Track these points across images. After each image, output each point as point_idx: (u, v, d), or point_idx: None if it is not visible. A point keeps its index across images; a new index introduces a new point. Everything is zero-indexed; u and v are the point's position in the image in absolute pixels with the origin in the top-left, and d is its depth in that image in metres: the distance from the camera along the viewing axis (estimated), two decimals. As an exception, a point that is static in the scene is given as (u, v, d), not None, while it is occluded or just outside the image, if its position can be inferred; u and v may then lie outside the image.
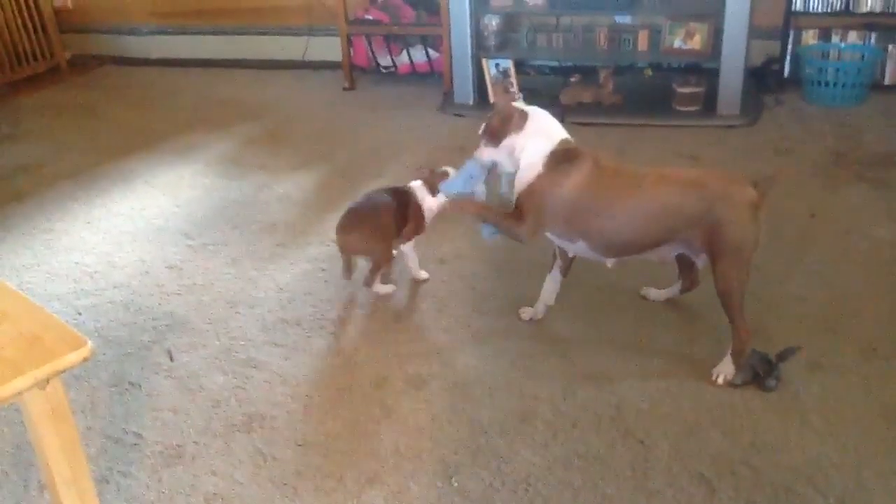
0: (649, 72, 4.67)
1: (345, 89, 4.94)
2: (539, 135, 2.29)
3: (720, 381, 2.24)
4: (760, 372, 2.19)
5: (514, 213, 2.31)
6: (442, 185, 2.55)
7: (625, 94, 4.36)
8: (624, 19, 4.57)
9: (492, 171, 2.40)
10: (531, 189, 2.27)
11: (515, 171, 2.33)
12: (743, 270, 2.19)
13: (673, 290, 2.61)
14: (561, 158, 2.25)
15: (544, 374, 2.30)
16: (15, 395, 1.41)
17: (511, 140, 2.30)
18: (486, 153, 2.35)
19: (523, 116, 2.31)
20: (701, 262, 2.31)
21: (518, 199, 2.30)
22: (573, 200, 2.23)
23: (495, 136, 2.32)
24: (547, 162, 2.25)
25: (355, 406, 2.22)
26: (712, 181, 2.21)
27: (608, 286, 2.71)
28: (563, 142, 2.29)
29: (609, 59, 4.46)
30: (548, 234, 2.36)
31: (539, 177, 2.25)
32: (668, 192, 2.22)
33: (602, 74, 4.34)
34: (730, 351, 2.24)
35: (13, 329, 1.56)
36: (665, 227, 2.22)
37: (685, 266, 2.50)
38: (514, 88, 2.42)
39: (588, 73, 4.49)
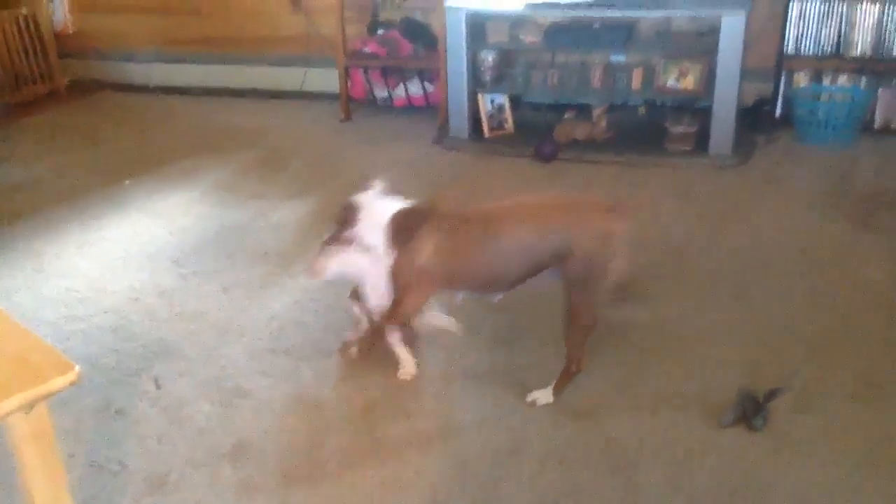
0: (643, 110, 4.71)
1: (341, 121, 4.97)
2: (371, 223, 2.28)
3: (534, 402, 2.28)
4: (748, 411, 2.19)
5: (395, 303, 2.30)
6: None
7: (618, 132, 4.40)
8: (618, 58, 4.62)
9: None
10: (396, 272, 2.27)
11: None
12: (591, 300, 2.20)
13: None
14: (400, 232, 2.25)
15: (533, 409, 2.29)
16: (2, 416, 1.40)
17: (347, 236, 2.30)
18: (332, 268, 2.37)
19: (354, 210, 2.30)
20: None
21: (393, 289, 2.30)
22: (433, 265, 2.23)
23: (338, 246, 2.34)
24: (389, 242, 2.25)
25: (342, 437, 2.21)
26: (563, 214, 2.24)
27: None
28: (399, 212, 2.28)
29: (603, 97, 4.51)
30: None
31: (394, 261, 2.26)
32: (521, 233, 2.22)
33: (596, 112, 4.39)
34: (555, 379, 2.29)
35: (1, 351, 1.55)
36: (529, 262, 2.22)
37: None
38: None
39: (582, 110, 4.53)
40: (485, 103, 4.54)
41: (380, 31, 5.00)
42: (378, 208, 2.32)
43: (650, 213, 3.56)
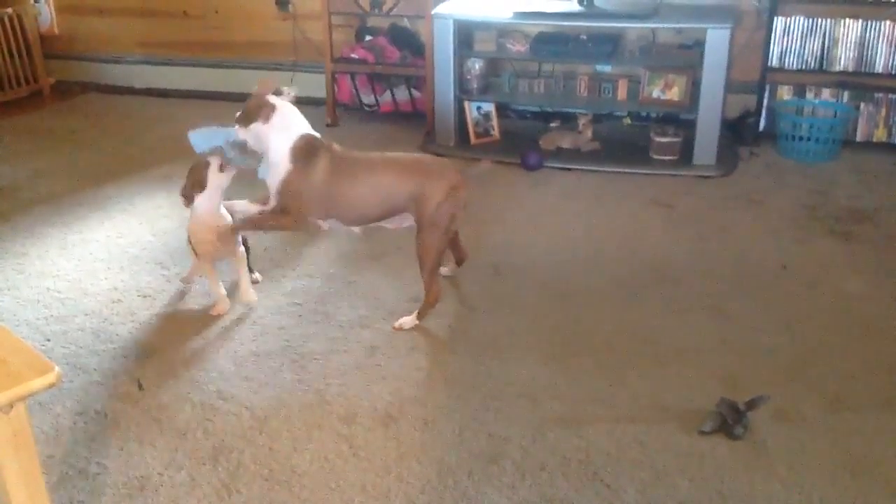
0: (628, 120, 4.75)
1: (327, 125, 4.97)
2: (282, 130, 2.68)
3: (401, 326, 2.73)
4: (729, 420, 2.20)
5: (277, 209, 2.71)
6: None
7: (603, 141, 4.43)
8: (604, 68, 4.66)
9: (246, 147, 2.74)
10: (287, 185, 2.67)
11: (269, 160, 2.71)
12: (438, 239, 2.67)
13: (451, 266, 3.05)
14: (303, 153, 2.67)
15: (514, 416, 2.30)
16: (-23, 418, 1.39)
17: (257, 126, 2.68)
18: (240, 132, 2.72)
19: (271, 109, 2.68)
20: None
21: (278, 195, 2.69)
22: (321, 188, 2.67)
23: (246, 119, 2.69)
24: (292, 157, 2.66)
25: (323, 442, 2.20)
26: (423, 166, 2.75)
27: (580, 330, 2.73)
28: (303, 136, 2.70)
29: (589, 107, 4.54)
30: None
31: (289, 172, 2.66)
32: (391, 175, 2.70)
33: (581, 121, 4.41)
34: (419, 308, 2.73)
35: (-21, 352, 1.54)
36: (390, 203, 2.69)
37: (452, 244, 2.92)
38: (287, 89, 2.73)
39: (568, 120, 4.56)
40: (471, 111, 4.56)
41: (367, 38, 5.01)
42: (289, 123, 2.71)
43: (632, 224, 3.58)
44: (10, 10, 5.43)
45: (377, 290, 3.01)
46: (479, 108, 4.58)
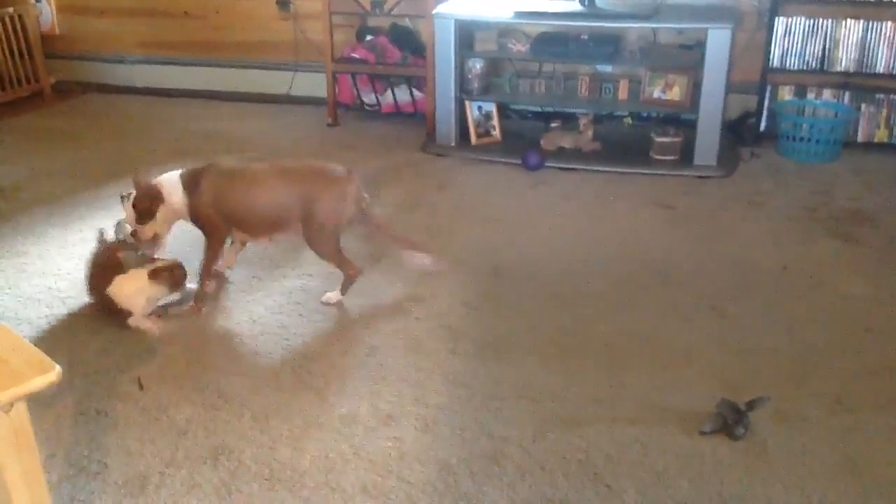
0: (629, 120, 4.75)
1: (328, 125, 4.98)
2: (171, 188, 2.83)
3: (328, 300, 2.89)
4: (730, 420, 2.20)
5: (208, 237, 2.88)
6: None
7: (604, 142, 4.43)
8: (605, 68, 4.66)
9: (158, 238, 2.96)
10: (196, 215, 2.84)
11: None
12: (330, 233, 2.80)
13: (430, 260, 3.03)
14: (188, 183, 2.81)
15: (514, 416, 2.30)
16: (-22, 417, 1.39)
17: (164, 208, 2.84)
18: (145, 232, 2.88)
19: (159, 189, 2.83)
20: None
21: (201, 225, 2.87)
22: (213, 206, 2.80)
23: (150, 213, 2.84)
24: (184, 192, 2.81)
25: (324, 442, 2.20)
26: (309, 171, 2.85)
27: (580, 330, 2.73)
28: (184, 172, 2.85)
29: (590, 107, 4.54)
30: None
31: (188, 205, 2.82)
32: (277, 185, 2.81)
33: (582, 121, 4.41)
34: (340, 285, 2.89)
35: (-20, 351, 1.54)
36: (281, 210, 2.79)
37: (392, 240, 3.05)
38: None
39: (568, 120, 4.56)
40: (472, 111, 4.56)
41: (368, 38, 5.01)
42: (170, 178, 2.86)
43: (633, 224, 3.58)
44: (10, 9, 5.43)
45: (377, 290, 3.01)
46: (480, 107, 4.58)
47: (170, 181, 2.85)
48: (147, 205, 2.83)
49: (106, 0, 5.79)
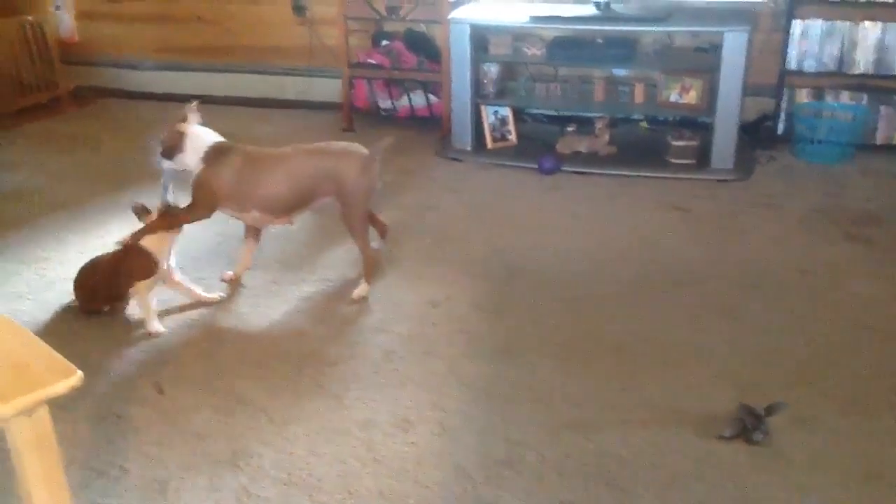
0: (645, 124, 4.74)
1: (343, 130, 5.00)
2: (194, 146, 2.95)
3: (359, 297, 2.97)
4: (749, 425, 2.19)
5: (192, 203, 2.95)
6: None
7: (620, 145, 4.42)
8: (621, 72, 4.65)
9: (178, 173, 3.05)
10: (197, 182, 2.94)
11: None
12: (360, 209, 2.95)
13: (378, 241, 3.23)
14: (214, 156, 2.93)
15: (530, 420, 2.30)
16: (3, 420, 1.41)
17: (181, 156, 2.97)
18: (167, 165, 3.03)
19: (182, 136, 2.96)
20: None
21: (192, 192, 2.96)
22: (233, 184, 2.91)
23: (168, 153, 2.99)
24: (203, 160, 2.93)
25: (341, 446, 2.21)
26: (334, 148, 2.99)
27: (595, 334, 2.73)
28: (215, 144, 2.97)
29: (605, 111, 4.54)
30: (227, 212, 3.01)
31: (201, 171, 2.92)
32: (304, 160, 2.95)
33: (598, 125, 4.41)
34: (363, 275, 3.00)
35: (2, 355, 1.56)
36: (309, 187, 2.93)
37: (372, 220, 3.15)
38: (191, 108, 3.11)
39: (584, 124, 4.56)
40: (487, 115, 4.56)
41: (384, 43, 5.03)
42: (199, 137, 2.98)
43: (648, 227, 3.58)
44: (31, 17, 5.49)
45: (394, 295, 3.02)
46: (495, 112, 4.58)
47: (197, 138, 2.99)
48: (170, 146, 2.99)
49: (122, 7, 5.85)
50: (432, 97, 4.96)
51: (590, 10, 4.27)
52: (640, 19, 4.16)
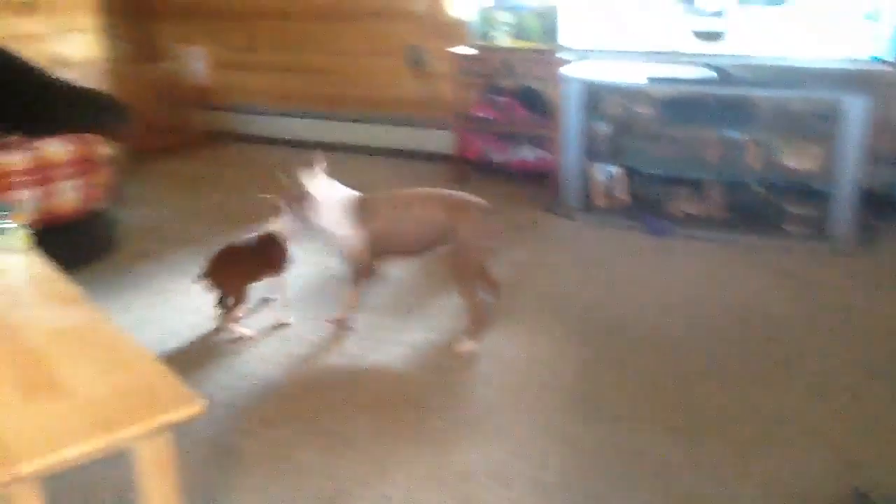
0: (759, 189, 4.63)
1: (453, 182, 5.09)
2: (330, 203, 3.02)
3: (466, 351, 2.97)
4: (862, 509, 2.09)
5: (353, 270, 3.07)
6: None
7: (733, 209, 4.34)
8: (735, 134, 4.58)
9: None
10: (352, 249, 3.01)
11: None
12: (473, 259, 2.96)
13: (489, 297, 3.20)
14: (354, 213, 2.98)
15: (633, 489, 2.25)
16: (129, 440, 1.50)
17: (307, 211, 3.05)
18: (288, 220, 3.11)
19: (305, 196, 3.04)
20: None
21: (350, 259, 3.05)
22: (373, 238, 2.98)
23: (297, 208, 3.07)
24: (349, 222, 2.98)
25: (439, 496, 2.22)
26: (453, 198, 3.00)
27: (702, 403, 2.66)
28: (347, 198, 3.03)
29: (719, 173, 4.46)
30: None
31: (351, 237, 2.98)
32: (427, 214, 2.96)
33: (710, 188, 4.34)
34: (467, 331, 3.01)
35: (133, 379, 1.67)
36: (428, 236, 2.96)
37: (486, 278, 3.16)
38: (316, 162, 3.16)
39: (696, 185, 4.49)
40: (598, 173, 4.57)
41: (497, 98, 5.13)
42: (329, 192, 3.07)
43: (759, 296, 3.48)
44: (168, 64, 5.89)
45: (499, 350, 3.04)
46: (605, 170, 4.58)
47: (330, 195, 3.06)
48: (294, 201, 3.10)
49: (251, 56, 6.19)
50: (542, 152, 5.01)
51: (705, 72, 4.24)
52: (756, 83, 4.10)
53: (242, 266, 3.12)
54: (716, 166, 4.52)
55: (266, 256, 3.15)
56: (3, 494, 1.40)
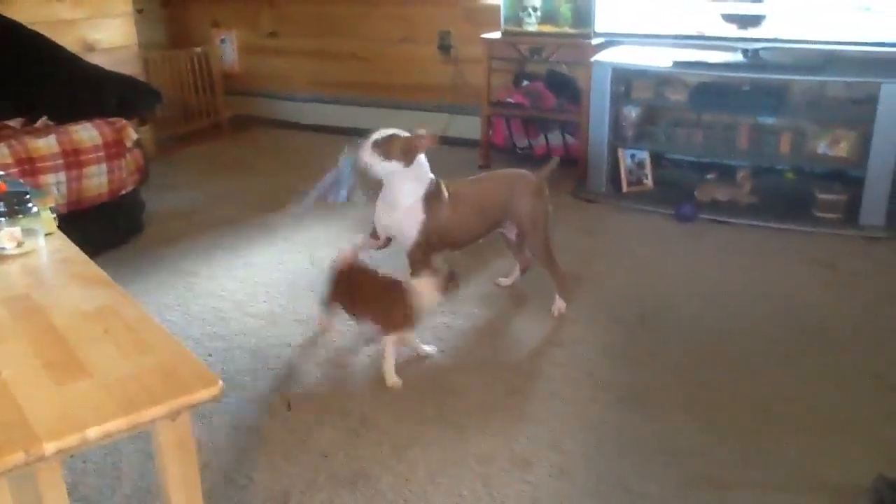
0: (790, 175, 4.56)
1: (480, 167, 5.08)
2: (417, 179, 2.83)
3: (558, 311, 3.12)
4: (886, 500, 2.05)
5: (416, 258, 2.87)
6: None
7: (762, 195, 4.28)
8: (767, 120, 4.51)
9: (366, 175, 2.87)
10: (422, 233, 2.83)
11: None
12: (542, 233, 3.04)
13: (515, 273, 3.37)
14: (432, 200, 2.84)
15: (654, 471, 2.24)
16: (149, 421, 1.51)
17: (394, 165, 2.78)
18: (368, 158, 2.80)
19: (415, 156, 2.79)
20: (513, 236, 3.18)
21: (414, 244, 2.86)
22: (443, 224, 2.87)
23: (387, 153, 2.77)
24: (425, 206, 2.83)
25: (459, 478, 2.23)
26: (510, 176, 3.05)
27: (729, 388, 2.63)
28: (431, 183, 2.86)
29: (749, 159, 4.40)
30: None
31: (423, 222, 2.83)
32: (488, 197, 2.98)
33: (740, 174, 4.28)
34: (556, 292, 3.13)
35: (154, 361, 1.68)
36: (491, 218, 3.00)
37: (517, 252, 3.27)
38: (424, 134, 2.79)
39: (725, 171, 4.43)
40: (625, 158, 4.53)
41: (525, 83, 5.10)
42: (424, 172, 2.85)
43: (790, 283, 3.43)
44: (199, 49, 5.93)
45: (521, 333, 3.03)
46: (633, 155, 4.54)
47: (424, 166, 2.86)
48: (404, 149, 2.76)
49: (281, 42, 6.21)
50: (569, 137, 4.97)
51: (737, 56, 4.18)
52: (790, 68, 4.03)
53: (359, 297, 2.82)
54: (746, 152, 4.46)
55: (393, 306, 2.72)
56: (26, 473, 1.43)
